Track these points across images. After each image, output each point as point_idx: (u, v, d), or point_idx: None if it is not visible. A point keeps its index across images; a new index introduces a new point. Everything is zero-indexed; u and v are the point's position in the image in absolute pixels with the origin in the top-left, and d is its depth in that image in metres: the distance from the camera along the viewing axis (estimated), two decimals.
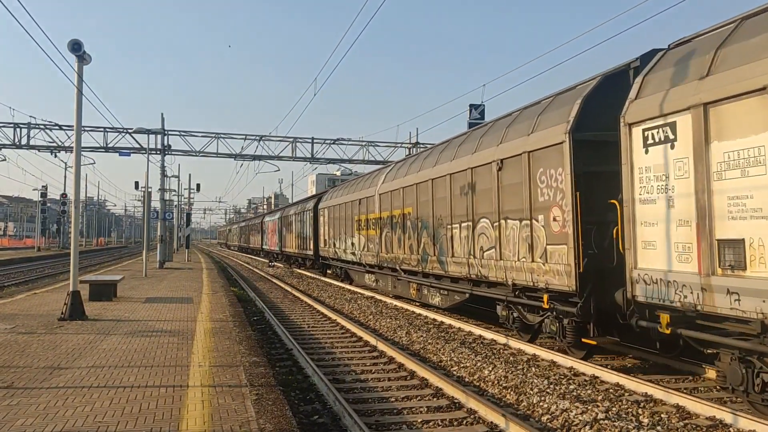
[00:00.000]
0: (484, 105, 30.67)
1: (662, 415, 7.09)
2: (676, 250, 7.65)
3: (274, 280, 29.39)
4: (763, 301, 6.35)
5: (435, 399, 7.96)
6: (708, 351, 7.94)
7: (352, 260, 23.61)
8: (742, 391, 7.12)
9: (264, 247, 55.86)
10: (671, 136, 7.71)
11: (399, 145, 38.63)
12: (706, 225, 7.13)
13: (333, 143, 37.47)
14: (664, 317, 7.81)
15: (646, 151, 8.16)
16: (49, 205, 76.25)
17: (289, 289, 24.24)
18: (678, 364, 9.51)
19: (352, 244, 23.06)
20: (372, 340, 11.87)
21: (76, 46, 12.31)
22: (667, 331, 7.80)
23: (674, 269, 7.66)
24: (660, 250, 7.94)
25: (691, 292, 7.35)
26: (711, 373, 8.88)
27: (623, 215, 8.65)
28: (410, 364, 9.68)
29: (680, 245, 7.60)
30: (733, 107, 6.84)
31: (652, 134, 8.04)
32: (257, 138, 36.64)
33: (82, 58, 12.56)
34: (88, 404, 6.29)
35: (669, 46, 8.61)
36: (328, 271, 30.97)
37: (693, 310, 7.37)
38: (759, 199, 6.52)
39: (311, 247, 31.84)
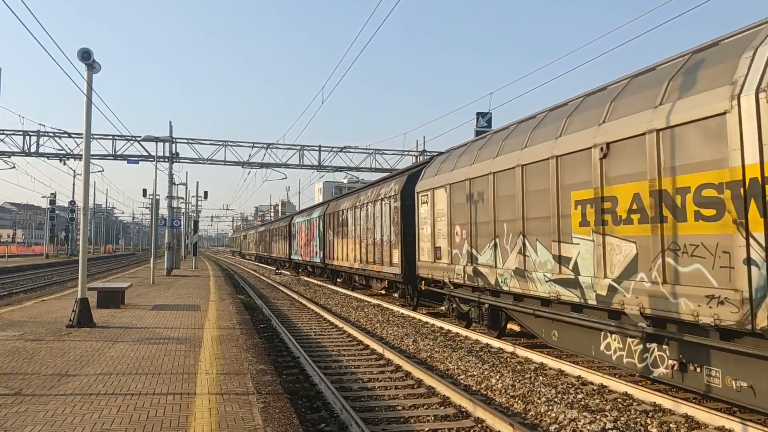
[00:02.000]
0: (491, 113, 30.68)
1: (671, 425, 7.04)
2: None
3: (281, 288, 29.40)
4: None
5: (442, 408, 7.93)
6: None
7: (544, 295, 10.58)
8: None
9: (293, 257, 42.45)
10: None
11: (406, 153, 38.73)
12: None
13: (340, 151, 37.58)
14: None
15: None
16: (57, 212, 76.75)
17: (295, 296, 24.24)
18: None
19: (558, 258, 10.11)
20: (379, 348, 11.86)
21: (85, 55, 12.41)
22: None
23: None
24: None
25: None
26: None
27: None
28: (417, 373, 9.66)
29: None
30: None
31: None
32: (265, 146, 36.81)
33: (92, 66, 12.65)
34: (95, 411, 6.31)
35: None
36: (421, 300, 19.14)
37: None
38: None
39: (393, 259, 19.39)
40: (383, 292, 23.18)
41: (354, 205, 25.10)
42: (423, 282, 17.11)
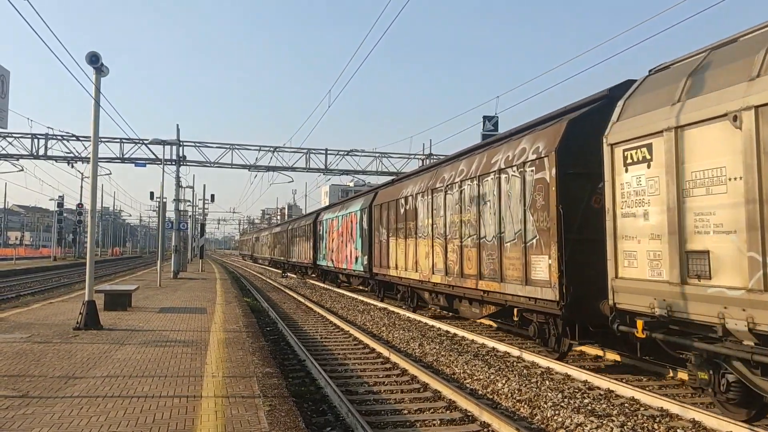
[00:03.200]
0: (497, 116, 30.67)
1: (678, 431, 7.00)
2: None
3: (287, 291, 29.43)
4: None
5: (448, 412, 7.91)
6: None
7: None
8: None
9: (321, 263, 33.89)
10: None
11: (412, 156, 38.77)
12: None
13: (346, 155, 37.66)
14: None
15: None
16: (65, 215, 77.15)
17: (301, 299, 24.26)
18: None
19: None
20: (385, 352, 11.84)
21: (94, 59, 12.48)
22: None
23: None
24: None
25: None
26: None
27: None
28: (423, 377, 9.64)
29: None
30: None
31: None
32: (271, 149, 36.95)
33: (100, 70, 12.72)
34: (102, 414, 6.32)
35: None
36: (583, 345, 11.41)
37: None
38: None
39: (533, 273, 11.12)
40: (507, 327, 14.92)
41: (430, 188, 16.67)
42: (639, 322, 8.24)
